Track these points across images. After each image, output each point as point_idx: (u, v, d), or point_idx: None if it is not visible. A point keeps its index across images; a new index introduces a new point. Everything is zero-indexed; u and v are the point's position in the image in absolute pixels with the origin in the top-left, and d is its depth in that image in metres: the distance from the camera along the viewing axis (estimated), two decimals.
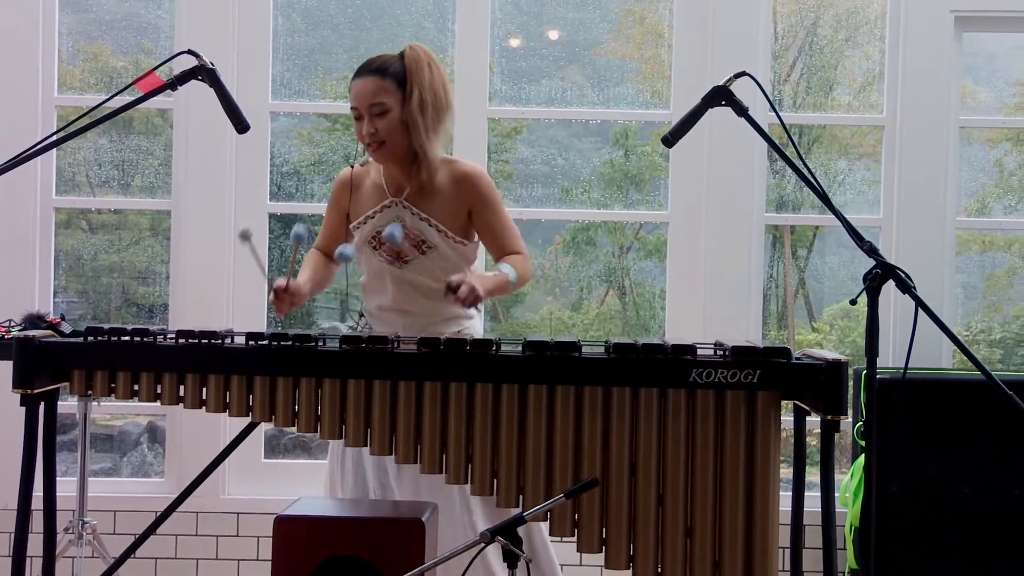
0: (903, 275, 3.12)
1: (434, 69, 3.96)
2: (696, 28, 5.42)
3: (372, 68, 3.92)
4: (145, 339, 3.48)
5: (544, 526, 3.77)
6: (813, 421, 3.40)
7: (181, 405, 3.51)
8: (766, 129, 3.54)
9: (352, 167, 4.18)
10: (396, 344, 3.41)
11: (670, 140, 3.56)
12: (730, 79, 3.49)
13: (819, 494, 3.34)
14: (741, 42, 5.35)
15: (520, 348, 3.37)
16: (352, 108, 3.92)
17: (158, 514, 4.07)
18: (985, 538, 4.82)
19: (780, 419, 3.34)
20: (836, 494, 3.49)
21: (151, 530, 4.05)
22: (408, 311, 4.01)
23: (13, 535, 3.54)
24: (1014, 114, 5.78)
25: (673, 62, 5.47)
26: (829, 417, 3.23)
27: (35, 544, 3.65)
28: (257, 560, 5.27)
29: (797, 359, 3.34)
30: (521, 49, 5.81)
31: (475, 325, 4.16)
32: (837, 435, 3.31)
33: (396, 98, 3.89)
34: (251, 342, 3.44)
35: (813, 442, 4.73)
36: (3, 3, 5.35)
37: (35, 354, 3.45)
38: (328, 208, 4.22)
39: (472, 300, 3.68)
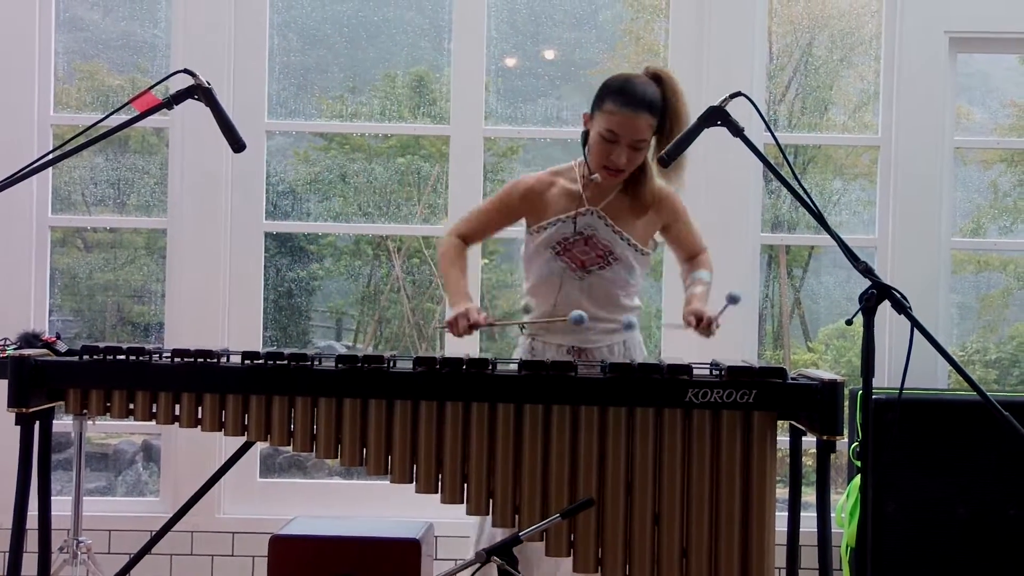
0: (899, 295, 3.12)
1: (681, 94, 4.02)
2: (691, 48, 5.43)
3: (645, 103, 3.90)
4: (140, 358, 3.48)
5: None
6: (809, 441, 3.40)
7: (176, 424, 3.51)
8: (761, 149, 3.55)
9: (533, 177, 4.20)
10: (392, 363, 3.41)
11: (666, 160, 3.56)
12: (726, 99, 3.49)
13: (815, 514, 3.33)
14: (736, 62, 5.36)
15: (516, 367, 3.37)
16: (610, 132, 3.89)
17: (153, 533, 4.07)
18: (981, 558, 4.82)
19: (776, 439, 3.34)
20: (832, 514, 3.48)
21: (146, 549, 4.05)
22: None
23: (8, 554, 3.54)
24: (1008, 135, 5.79)
25: None
26: (825, 437, 3.23)
27: (30, 564, 3.64)
28: None
29: (793, 379, 3.34)
30: (517, 68, 5.82)
31: (636, 335, 4.23)
32: (833, 455, 3.31)
33: (652, 132, 3.95)
34: (247, 361, 3.44)
35: (809, 462, 4.74)
36: None
37: (30, 373, 3.45)
38: (494, 206, 4.23)
39: (712, 328, 3.85)
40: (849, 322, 3.19)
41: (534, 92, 5.77)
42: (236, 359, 3.48)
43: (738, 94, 3.49)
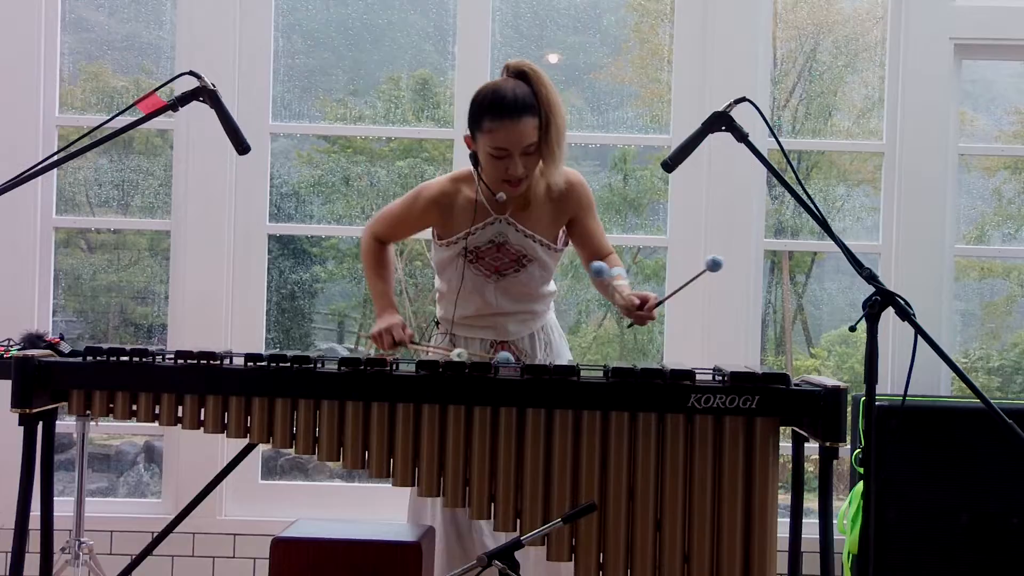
0: (902, 302, 3.12)
1: (550, 84, 3.83)
2: (696, 53, 5.44)
3: (521, 106, 3.74)
4: (144, 359, 3.48)
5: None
6: (811, 447, 3.40)
7: (179, 426, 3.50)
8: (765, 154, 3.55)
9: (437, 186, 4.08)
10: (395, 366, 3.41)
11: (670, 165, 3.56)
12: (730, 104, 3.49)
13: (817, 521, 3.33)
14: (741, 67, 5.37)
15: (519, 372, 3.37)
16: (498, 149, 3.77)
17: (155, 535, 4.07)
18: (984, 566, 4.81)
19: (778, 445, 3.34)
20: (834, 521, 3.48)
21: (148, 551, 4.05)
22: (500, 314, 4.03)
23: (10, 555, 3.54)
24: (1012, 142, 5.80)
25: (673, 87, 5.49)
26: (828, 444, 3.22)
27: (32, 564, 3.64)
28: None
29: (796, 385, 3.34)
30: None
31: (551, 317, 4.25)
32: (835, 462, 3.30)
33: (537, 131, 3.78)
34: (250, 363, 3.44)
35: (811, 468, 4.74)
36: (4, 23, 5.36)
37: (34, 373, 3.45)
38: (400, 213, 4.12)
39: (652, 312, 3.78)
40: (853, 328, 3.19)
41: None
42: (239, 361, 3.48)
43: (742, 99, 3.50)
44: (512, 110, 3.73)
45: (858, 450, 4.97)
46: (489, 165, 3.84)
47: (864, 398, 3.14)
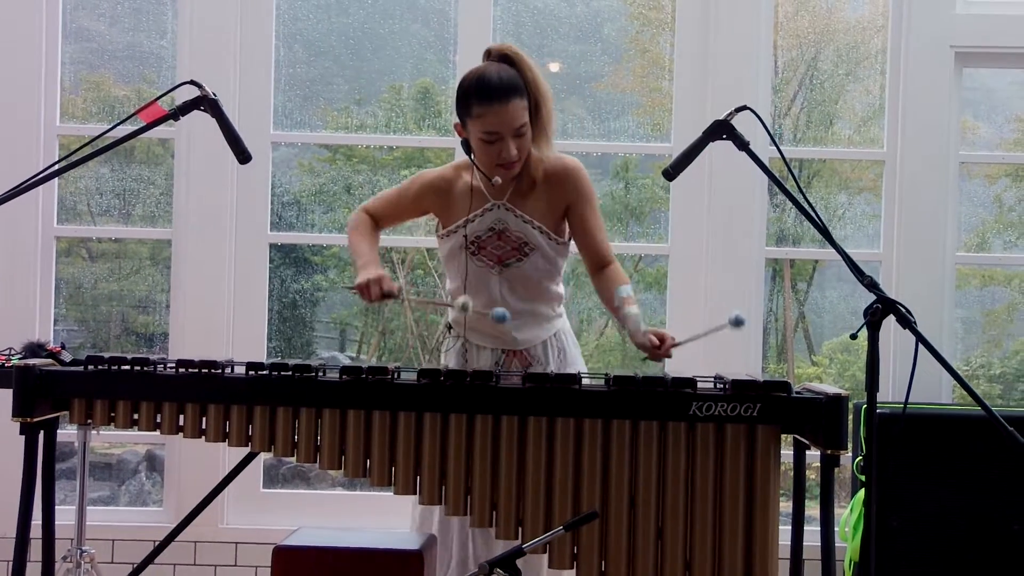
0: (903, 310, 3.12)
1: (534, 65, 3.85)
2: (697, 62, 5.44)
3: (510, 88, 3.74)
4: (145, 368, 3.48)
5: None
6: (813, 455, 3.40)
7: (181, 434, 3.50)
8: (766, 163, 3.55)
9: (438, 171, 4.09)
10: (396, 375, 3.41)
11: (671, 173, 3.56)
12: (731, 113, 3.49)
13: (819, 528, 3.33)
14: (742, 76, 5.37)
15: (520, 380, 3.37)
16: (489, 133, 3.75)
17: (156, 543, 4.07)
18: (985, 573, 4.81)
19: (780, 453, 3.33)
20: (836, 528, 3.47)
21: (149, 559, 4.05)
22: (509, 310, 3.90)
23: (11, 564, 3.54)
24: (1013, 150, 5.80)
25: (674, 95, 5.49)
26: (829, 451, 3.22)
27: (33, 573, 3.64)
28: None
29: (797, 393, 3.34)
30: None
31: (564, 324, 4.17)
32: (837, 469, 3.30)
33: (526, 112, 3.79)
34: (251, 372, 3.44)
35: (813, 476, 4.73)
36: (6, 32, 5.37)
37: (35, 382, 3.45)
38: (395, 195, 4.13)
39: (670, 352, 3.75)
40: (854, 336, 3.19)
41: None
42: (240, 370, 3.48)
43: (743, 108, 3.50)
44: (500, 93, 3.73)
45: (859, 458, 4.96)
46: (481, 151, 3.83)
47: (865, 406, 3.14)
